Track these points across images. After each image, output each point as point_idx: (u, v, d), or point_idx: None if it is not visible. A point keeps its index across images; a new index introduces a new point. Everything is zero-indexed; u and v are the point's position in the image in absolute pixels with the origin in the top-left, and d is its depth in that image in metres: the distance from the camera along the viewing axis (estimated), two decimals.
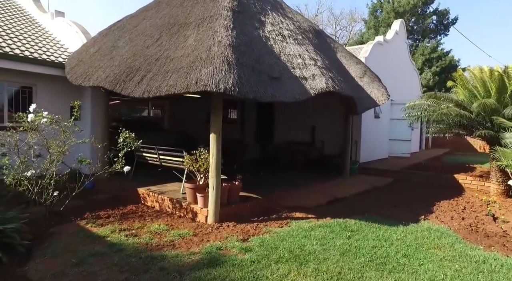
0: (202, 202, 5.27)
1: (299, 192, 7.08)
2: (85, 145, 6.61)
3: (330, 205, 6.36)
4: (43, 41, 8.67)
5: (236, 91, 4.22)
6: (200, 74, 4.36)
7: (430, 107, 7.11)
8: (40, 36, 8.94)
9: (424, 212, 5.80)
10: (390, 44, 11.90)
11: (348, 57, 8.98)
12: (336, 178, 8.79)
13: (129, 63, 5.74)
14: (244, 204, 5.75)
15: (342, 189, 7.62)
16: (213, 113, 4.97)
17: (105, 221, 5.13)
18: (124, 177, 7.72)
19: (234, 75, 4.36)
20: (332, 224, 4.95)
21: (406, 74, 14.03)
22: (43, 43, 8.54)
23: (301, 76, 5.93)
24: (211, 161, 5.08)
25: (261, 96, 4.72)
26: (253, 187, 7.04)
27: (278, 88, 5.30)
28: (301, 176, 8.90)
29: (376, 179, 8.90)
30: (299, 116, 11.58)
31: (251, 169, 9.18)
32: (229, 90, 4.16)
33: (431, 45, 23.40)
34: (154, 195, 6.21)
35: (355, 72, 8.56)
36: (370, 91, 8.32)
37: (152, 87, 4.98)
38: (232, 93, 4.18)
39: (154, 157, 7.18)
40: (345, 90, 6.68)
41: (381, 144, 11.89)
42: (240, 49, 5.02)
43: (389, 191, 7.71)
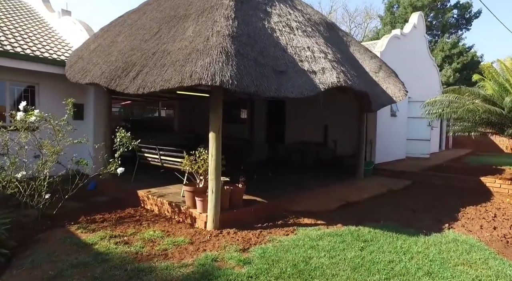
0: (201, 206, 4.88)
1: (309, 195, 6.59)
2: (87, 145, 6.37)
3: (342, 210, 5.85)
4: (47, 40, 8.52)
5: (234, 85, 3.80)
6: (195, 67, 3.97)
7: (453, 103, 6.48)
8: (45, 35, 8.81)
9: (448, 219, 5.20)
10: (408, 37, 11.21)
11: (362, 51, 8.41)
12: (349, 180, 8.25)
13: (125, 58, 5.42)
14: (248, 208, 5.32)
15: (355, 192, 7.08)
16: (212, 110, 4.57)
17: (98, 226, 4.81)
18: (126, 178, 7.46)
19: (233, 67, 3.95)
20: (343, 233, 4.45)
21: (425, 70, 13.26)
22: (48, 42, 8.38)
23: (310, 70, 5.46)
24: (210, 162, 4.68)
25: (264, 90, 4.28)
26: (259, 190, 6.62)
27: (284, 82, 4.85)
28: (311, 178, 8.40)
29: (392, 181, 8.29)
30: (311, 115, 11.08)
31: (259, 170, 8.75)
32: (226, 83, 3.75)
33: (451, 40, 22.32)
34: (154, 198, 5.87)
35: (369, 67, 8.00)
36: (386, 87, 7.74)
37: (147, 82, 4.63)
38: (229, 87, 3.77)
39: (155, 157, 6.86)
40: (359, 85, 6.16)
41: (398, 144, 11.22)
42: (241, 40, 4.60)
43: (407, 195, 7.11)
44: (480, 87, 7.00)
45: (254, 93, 4.09)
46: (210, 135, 4.64)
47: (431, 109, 6.97)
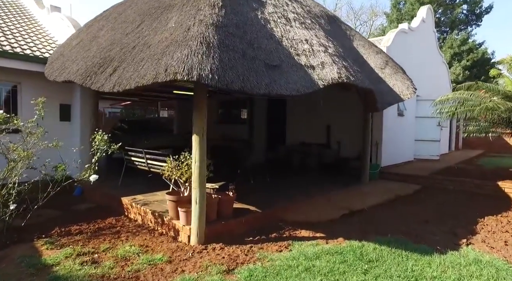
0: (184, 218, 4.35)
1: (308, 203, 6.02)
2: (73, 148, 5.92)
3: (344, 221, 5.27)
4: (33, 37, 8.07)
5: (215, 80, 3.26)
6: (171, 60, 3.44)
7: (468, 101, 5.86)
8: (31, 32, 8.37)
9: (465, 232, 4.59)
10: (416, 32, 10.57)
11: (367, 46, 7.82)
12: (353, 185, 7.66)
13: (103, 54, 4.92)
14: (238, 219, 4.77)
15: (360, 198, 6.49)
16: (195, 109, 4.04)
17: (70, 240, 4.31)
18: (114, 183, 7.01)
19: (214, 60, 3.41)
20: (344, 250, 3.88)
21: (434, 67, 12.58)
22: (33, 39, 7.94)
23: (308, 65, 4.90)
24: (193, 169, 4.14)
25: (252, 87, 3.73)
26: (255, 196, 6.07)
27: (277, 78, 4.30)
28: (313, 182, 7.83)
29: (400, 186, 7.68)
30: (313, 115, 10.50)
31: (257, 173, 8.20)
32: (205, 78, 3.21)
33: (460, 37, 21.50)
34: (137, 206, 5.36)
35: (374, 63, 7.40)
36: (393, 84, 7.13)
37: (123, 79, 4.11)
38: (208, 83, 3.23)
39: (142, 161, 6.36)
40: (363, 82, 5.58)
41: (406, 145, 10.58)
42: (228, 30, 4.06)
43: (417, 202, 6.50)
44: (496, 83, 6.36)
45: (240, 90, 3.54)
46: (193, 138, 4.10)
47: (442, 108, 6.34)
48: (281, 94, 4.19)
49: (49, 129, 7.41)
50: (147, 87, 3.69)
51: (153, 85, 3.58)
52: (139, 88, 3.84)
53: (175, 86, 8.71)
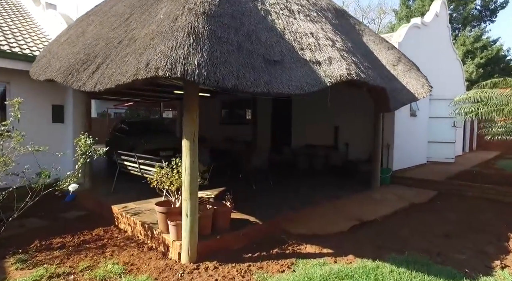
0: (174, 232, 3.88)
1: (315, 212, 5.51)
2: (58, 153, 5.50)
3: (355, 233, 4.75)
4: (25, 35, 7.72)
5: (203, 76, 2.78)
6: (153, 54, 2.97)
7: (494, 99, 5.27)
8: (24, 29, 8.02)
9: (495, 250, 4.01)
10: (429, 27, 9.94)
11: (378, 41, 7.26)
12: (363, 191, 7.10)
13: (88, 50, 4.49)
14: (236, 233, 4.28)
15: (371, 207, 5.95)
16: (185, 110, 3.57)
17: (48, 256, 3.88)
18: (107, 189, 6.59)
19: (203, 53, 2.93)
20: (356, 272, 3.36)
21: (448, 64, 11.92)
22: (24, 36, 7.57)
23: (313, 60, 4.39)
24: (183, 178, 3.67)
25: (249, 85, 3.24)
26: (256, 204, 5.59)
27: (278, 74, 3.80)
28: (319, 187, 7.30)
29: (414, 193, 7.10)
30: (320, 115, 9.98)
31: (260, 177, 7.71)
32: (190, 74, 2.73)
33: (473, 33, 20.67)
34: (127, 216, 4.92)
35: (386, 59, 6.84)
36: (406, 82, 6.57)
37: (105, 77, 3.67)
38: (195, 79, 2.75)
39: (134, 166, 5.92)
40: (374, 79, 5.04)
41: (418, 147, 9.96)
42: (222, 20, 3.58)
43: (434, 211, 5.92)
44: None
45: (234, 89, 3.06)
46: (183, 143, 3.63)
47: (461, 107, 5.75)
48: (282, 93, 3.70)
49: (40, 132, 7.13)
50: (130, 85, 3.23)
51: (135, 83, 3.12)
52: (121, 86, 3.38)
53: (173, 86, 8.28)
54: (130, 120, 12.30)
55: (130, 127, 11.31)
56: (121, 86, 3.34)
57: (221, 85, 2.93)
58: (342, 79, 4.34)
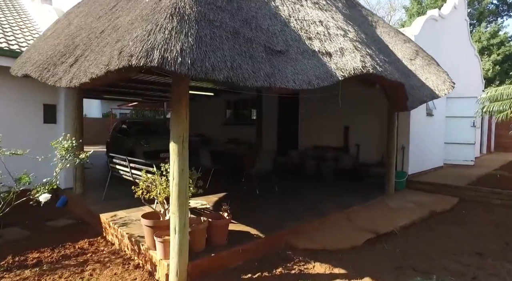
0: (161, 250, 3.36)
1: (324, 222, 4.93)
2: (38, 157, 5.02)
3: (370, 248, 4.17)
4: (16, 30, 7.32)
5: (187, 66, 2.25)
6: (130, 40, 2.45)
7: None
8: (16, 25, 7.64)
9: None
10: (447, 20, 9.26)
11: (393, 34, 6.65)
12: (376, 197, 6.49)
13: (68, 41, 4.01)
14: (234, 249, 3.74)
15: (387, 216, 5.35)
16: (172, 109, 3.06)
17: (16, 277, 3.40)
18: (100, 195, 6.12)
19: (189, 38, 2.40)
20: None
21: (465, 60, 11.19)
22: (15, 32, 7.18)
23: (322, 51, 3.83)
24: (171, 188, 3.15)
25: (246, 77, 2.70)
26: (258, 212, 5.04)
27: (282, 67, 3.25)
28: (328, 193, 6.72)
29: (433, 199, 6.46)
30: (329, 115, 9.40)
31: (264, 181, 7.18)
32: (171, 63, 2.21)
33: (490, 29, 19.75)
34: (114, 227, 4.42)
35: (402, 53, 6.23)
36: (425, 78, 5.95)
37: (81, 70, 3.17)
38: (177, 68, 2.23)
39: (126, 170, 5.43)
40: (392, 74, 4.46)
41: (435, 149, 9.29)
42: (215, 2, 3.04)
43: (458, 221, 5.29)
44: None
45: (227, 81, 2.52)
46: (170, 147, 3.11)
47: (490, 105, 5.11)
48: (287, 88, 3.15)
49: (31, 133, 6.71)
50: (104, 79, 2.72)
51: (109, 76, 2.61)
52: (97, 81, 2.88)
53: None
54: (130, 121, 11.89)
55: (130, 127, 10.88)
56: (96, 80, 2.83)
57: (211, 77, 2.39)
58: (356, 73, 3.77)
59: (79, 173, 6.25)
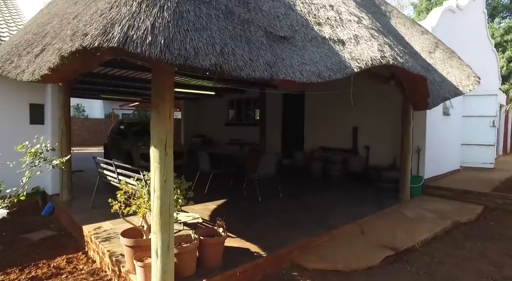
0: (142, 276, 2.81)
1: (335, 236, 4.35)
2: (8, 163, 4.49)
3: (389, 269, 3.58)
4: (2, 24, 6.87)
5: (159, 47, 1.70)
6: (87, 15, 1.89)
7: None
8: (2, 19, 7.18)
9: None
10: (464, 12, 8.61)
11: (408, 25, 6.04)
12: (390, 205, 5.87)
13: (38, 29, 3.47)
14: (230, 272, 3.17)
15: (405, 228, 4.75)
16: (153, 106, 2.50)
17: None
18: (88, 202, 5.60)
19: (163, 12, 1.84)
20: None
21: (483, 55, 10.50)
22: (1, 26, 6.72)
23: (334, 38, 3.25)
24: (152, 203, 2.59)
25: (240, 65, 2.14)
26: (260, 224, 4.47)
27: (286, 55, 2.68)
28: (337, 199, 6.14)
29: (454, 208, 5.83)
30: (337, 114, 8.83)
31: (268, 186, 6.62)
32: (136, 43, 1.65)
33: (504, 25, 18.96)
34: (96, 242, 3.89)
35: (420, 45, 5.62)
36: (446, 73, 5.33)
37: (44, 61, 2.63)
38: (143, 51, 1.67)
39: (113, 176, 4.90)
40: (414, 67, 3.86)
41: (451, 151, 8.63)
42: None
43: (489, 236, 4.65)
44: None
45: (216, 70, 1.96)
46: (151, 153, 2.56)
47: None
48: (293, 81, 2.57)
49: (15, 135, 6.21)
50: (64, 69, 2.17)
51: (69, 66, 2.06)
52: (58, 72, 2.33)
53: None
54: (127, 121, 11.39)
55: (128, 128, 10.38)
56: (57, 71, 2.28)
57: (194, 64, 1.83)
58: (374, 64, 3.19)
59: (65, 179, 5.74)
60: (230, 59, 2.08)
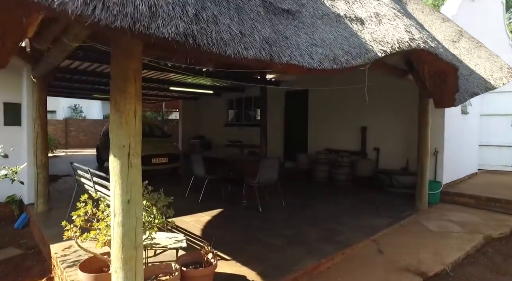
0: None
1: (349, 259, 3.67)
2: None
3: None
4: None
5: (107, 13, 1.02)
6: None
7: None
8: None
9: None
10: (483, 2, 7.90)
11: (427, 11, 5.37)
12: (407, 215, 5.18)
13: None
14: None
15: (429, 245, 4.06)
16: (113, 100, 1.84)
17: None
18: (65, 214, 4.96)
19: None
20: None
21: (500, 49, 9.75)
22: None
23: (350, 16, 2.60)
24: (113, 229, 1.93)
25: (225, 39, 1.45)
26: (259, 243, 3.79)
27: (291, 33, 2.02)
28: (347, 208, 5.47)
29: (480, 219, 5.13)
30: (344, 113, 8.18)
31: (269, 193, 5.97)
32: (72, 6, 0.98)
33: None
34: (61, 267, 3.23)
35: (442, 34, 4.94)
36: (474, 65, 4.65)
37: None
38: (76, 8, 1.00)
39: (90, 185, 4.24)
40: (445, 54, 3.18)
41: (469, 152, 7.93)
42: None
43: None
44: None
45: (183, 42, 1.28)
46: (110, 164, 1.90)
47: None
48: (298, 66, 1.91)
49: None
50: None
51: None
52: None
53: None
54: None
55: None
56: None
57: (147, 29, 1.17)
58: (402, 47, 2.52)
59: (41, 187, 5.09)
60: (210, 29, 1.42)
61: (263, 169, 5.44)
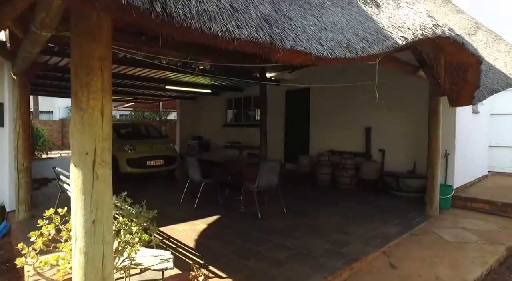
0: None
1: (358, 272, 3.29)
2: None
3: None
4: None
5: None
6: None
7: None
8: None
9: None
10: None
11: (440, 2, 4.98)
12: (418, 223, 4.79)
13: None
14: None
15: (446, 258, 3.68)
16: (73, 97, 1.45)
17: None
18: None
19: None
20: None
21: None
22: None
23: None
24: (74, 257, 1.55)
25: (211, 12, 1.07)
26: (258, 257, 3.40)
27: (295, 15, 1.64)
28: (352, 214, 5.09)
29: (500, 227, 4.74)
30: (347, 113, 7.80)
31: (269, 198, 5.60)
32: None
33: None
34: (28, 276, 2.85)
35: (457, 26, 4.57)
36: (493, 59, 4.30)
37: None
38: None
39: None
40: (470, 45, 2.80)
41: (479, 154, 7.56)
42: None
43: None
44: None
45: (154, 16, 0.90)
46: (70, 171, 1.52)
47: None
48: (305, 53, 1.53)
49: None
50: None
51: None
52: None
53: None
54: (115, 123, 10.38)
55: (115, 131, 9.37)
56: None
57: None
58: (426, 34, 2.16)
59: (22, 193, 4.70)
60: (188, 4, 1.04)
61: (263, 172, 5.07)
